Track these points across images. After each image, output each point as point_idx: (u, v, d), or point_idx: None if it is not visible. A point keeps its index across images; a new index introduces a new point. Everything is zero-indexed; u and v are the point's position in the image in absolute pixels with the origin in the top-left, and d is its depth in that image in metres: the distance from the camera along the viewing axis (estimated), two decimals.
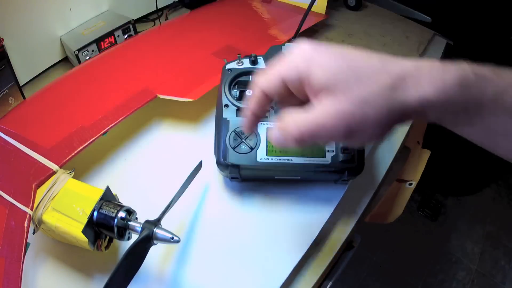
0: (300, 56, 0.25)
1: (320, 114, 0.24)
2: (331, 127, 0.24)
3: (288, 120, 0.25)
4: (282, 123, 0.26)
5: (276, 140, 0.27)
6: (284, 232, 0.41)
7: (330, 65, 0.24)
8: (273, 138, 0.27)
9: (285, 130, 0.25)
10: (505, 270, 1.34)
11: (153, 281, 0.37)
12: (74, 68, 0.56)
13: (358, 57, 0.25)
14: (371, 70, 0.24)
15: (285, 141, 0.26)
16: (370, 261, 1.32)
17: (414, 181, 0.73)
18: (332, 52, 0.25)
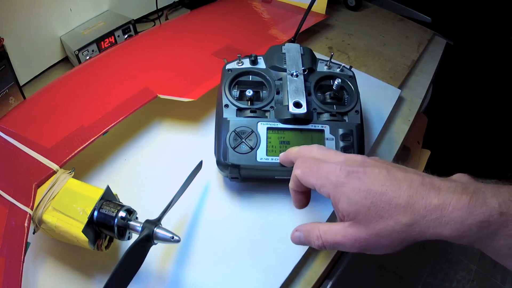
0: (333, 179, 0.28)
1: (341, 234, 0.28)
2: (348, 246, 0.28)
3: (314, 228, 0.30)
4: (309, 228, 0.31)
5: (298, 241, 0.32)
6: (284, 232, 0.41)
7: (355, 200, 0.27)
8: (296, 238, 0.32)
9: (310, 236, 0.30)
10: (505, 270, 1.34)
11: (153, 281, 0.37)
12: (74, 68, 0.56)
13: (387, 190, 0.26)
14: (394, 208, 0.26)
15: (304, 243, 0.32)
16: (370, 261, 1.32)
17: None
18: (361, 184, 0.27)
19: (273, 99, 0.42)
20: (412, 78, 0.70)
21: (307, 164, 0.31)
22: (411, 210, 0.25)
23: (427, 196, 0.25)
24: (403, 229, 0.25)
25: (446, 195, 0.25)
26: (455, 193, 0.25)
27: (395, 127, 0.58)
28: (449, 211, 0.24)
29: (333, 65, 0.46)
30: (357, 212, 0.27)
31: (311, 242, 0.30)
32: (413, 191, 0.26)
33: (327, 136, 0.41)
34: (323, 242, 0.29)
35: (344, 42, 0.75)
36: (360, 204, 0.27)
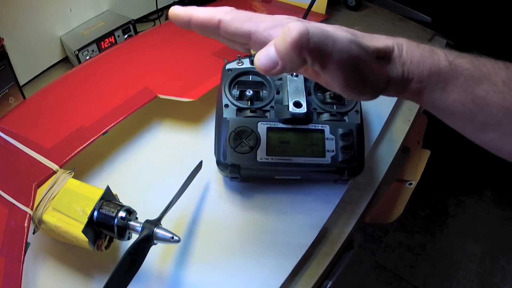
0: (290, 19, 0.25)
1: (333, 29, 0.24)
2: (342, 44, 0.23)
3: (294, 23, 0.22)
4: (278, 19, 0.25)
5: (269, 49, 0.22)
6: (284, 232, 0.41)
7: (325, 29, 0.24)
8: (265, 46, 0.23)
9: (290, 30, 0.22)
10: (505, 270, 1.34)
11: (153, 281, 0.37)
12: (74, 68, 0.56)
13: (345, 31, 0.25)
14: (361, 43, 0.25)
15: (283, 46, 0.22)
16: (370, 261, 1.32)
17: (414, 181, 0.73)
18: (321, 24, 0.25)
19: (273, 99, 0.42)
20: None
21: (241, 12, 0.26)
22: (376, 46, 0.25)
23: (382, 38, 0.26)
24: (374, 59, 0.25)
25: (396, 39, 0.27)
26: (403, 40, 0.27)
27: (395, 127, 0.58)
28: (404, 51, 0.26)
29: None
30: (346, 29, 0.25)
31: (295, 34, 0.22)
32: (369, 36, 0.27)
33: (327, 136, 0.41)
34: (306, 26, 0.22)
35: None
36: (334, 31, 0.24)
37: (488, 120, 0.26)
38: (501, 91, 0.25)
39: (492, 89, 0.25)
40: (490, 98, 0.25)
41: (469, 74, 0.25)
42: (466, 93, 0.25)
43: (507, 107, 0.25)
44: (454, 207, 1.52)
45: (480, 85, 0.25)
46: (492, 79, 0.25)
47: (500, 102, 0.25)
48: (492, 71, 0.25)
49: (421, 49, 0.26)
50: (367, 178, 0.50)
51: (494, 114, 0.25)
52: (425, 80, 0.25)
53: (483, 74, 0.25)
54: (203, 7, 0.26)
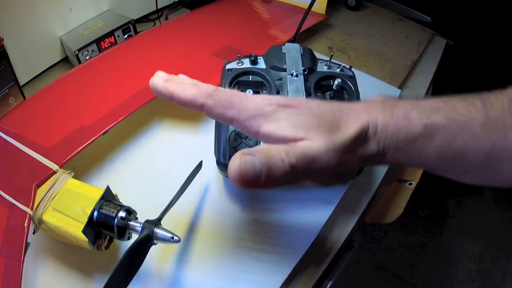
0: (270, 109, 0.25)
1: (314, 147, 0.24)
2: (326, 161, 0.24)
3: (277, 150, 0.23)
4: (265, 149, 0.23)
5: (251, 167, 0.22)
6: (284, 232, 0.41)
7: (318, 112, 0.25)
8: (247, 165, 0.23)
9: (272, 155, 0.22)
10: (505, 270, 1.34)
11: (153, 281, 0.37)
12: (74, 68, 0.56)
13: (322, 112, 0.26)
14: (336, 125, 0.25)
15: (270, 173, 0.22)
16: (370, 261, 1.32)
17: (414, 181, 0.73)
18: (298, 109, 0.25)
19: None
20: (412, 78, 0.70)
21: (223, 95, 0.26)
22: (352, 128, 0.25)
23: (358, 116, 0.26)
24: (352, 145, 0.25)
25: (371, 113, 0.26)
26: (378, 110, 0.26)
27: None
28: (379, 128, 0.25)
29: (333, 65, 0.46)
30: (308, 131, 0.24)
31: (276, 163, 0.22)
32: (346, 114, 0.26)
33: None
34: (296, 157, 0.23)
35: (344, 42, 0.75)
36: (308, 124, 0.24)
37: (470, 167, 0.26)
38: (479, 137, 0.24)
39: (471, 138, 0.24)
40: (469, 148, 0.25)
41: (445, 131, 0.25)
42: (444, 149, 0.25)
43: (487, 150, 0.24)
44: (454, 207, 1.52)
45: (457, 138, 0.25)
46: (468, 128, 0.24)
47: (480, 148, 0.25)
48: (468, 118, 0.25)
49: (395, 119, 0.25)
50: (367, 178, 0.50)
51: (475, 161, 0.25)
52: (401, 150, 0.25)
53: (459, 126, 0.25)
54: (183, 81, 0.27)
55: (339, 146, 0.24)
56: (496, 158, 0.25)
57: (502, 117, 0.24)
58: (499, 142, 0.24)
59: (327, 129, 0.24)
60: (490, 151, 0.24)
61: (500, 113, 0.24)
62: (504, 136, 0.24)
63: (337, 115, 0.26)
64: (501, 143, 0.24)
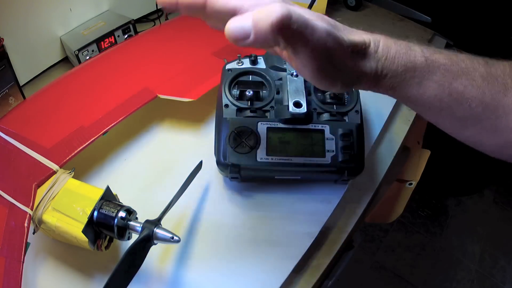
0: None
1: (314, 17, 0.23)
2: (321, 29, 0.23)
3: (279, 4, 0.21)
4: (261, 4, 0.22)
5: (239, 29, 0.21)
6: (284, 232, 0.41)
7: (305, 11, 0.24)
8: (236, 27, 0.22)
9: (273, 11, 0.21)
10: (505, 270, 1.34)
11: (153, 281, 0.37)
12: (74, 68, 0.56)
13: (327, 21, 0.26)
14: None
15: (262, 23, 0.21)
16: (370, 261, 1.32)
17: (414, 181, 0.73)
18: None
19: (273, 99, 0.42)
20: None
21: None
22: (353, 39, 0.25)
23: (360, 33, 0.26)
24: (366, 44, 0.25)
25: (374, 35, 0.26)
26: (381, 36, 0.26)
27: (395, 127, 0.58)
28: (381, 47, 0.26)
29: None
30: (327, 20, 0.25)
31: (266, 18, 0.21)
32: (355, 30, 0.27)
33: (327, 136, 0.41)
34: (289, 10, 0.21)
35: None
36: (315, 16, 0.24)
37: (466, 115, 0.25)
38: (479, 86, 0.24)
39: (471, 83, 0.24)
40: (469, 93, 0.25)
41: (446, 69, 0.25)
42: (443, 88, 0.25)
43: (486, 102, 0.24)
44: (454, 207, 1.52)
45: (457, 80, 0.25)
46: (470, 74, 0.25)
47: (479, 97, 0.24)
48: (470, 66, 0.25)
49: (398, 45, 0.26)
50: (367, 178, 0.50)
51: (472, 109, 0.25)
52: (399, 76, 0.25)
53: (461, 69, 0.25)
54: None
55: (340, 38, 0.24)
56: (494, 112, 0.25)
57: (503, 77, 0.24)
58: (498, 97, 0.24)
59: (332, 26, 0.24)
60: (488, 103, 0.24)
61: (501, 73, 0.25)
62: (504, 93, 0.24)
63: (340, 27, 0.26)
64: (500, 100, 0.24)
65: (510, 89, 0.24)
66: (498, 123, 0.25)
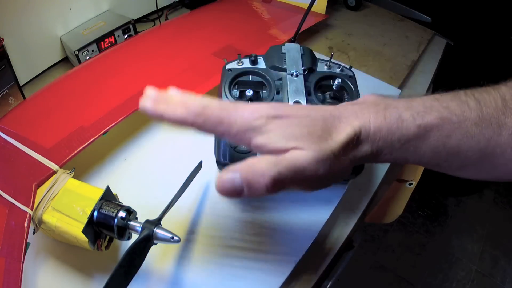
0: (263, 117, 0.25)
1: (302, 157, 0.24)
2: (314, 170, 0.24)
3: (260, 161, 0.24)
4: (252, 162, 0.24)
5: (231, 186, 0.23)
6: (284, 232, 0.41)
7: (305, 123, 0.25)
8: (227, 183, 0.23)
9: (255, 170, 0.23)
10: (505, 270, 1.34)
11: (153, 281, 0.37)
12: (74, 68, 0.56)
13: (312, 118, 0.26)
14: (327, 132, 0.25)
15: (251, 188, 0.23)
16: (370, 261, 1.32)
17: (414, 181, 0.73)
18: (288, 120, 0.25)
19: (273, 99, 0.42)
20: (412, 78, 0.70)
21: (211, 112, 0.25)
22: (343, 134, 0.25)
23: (349, 121, 0.26)
24: (343, 151, 0.25)
25: (363, 117, 0.26)
26: (370, 113, 0.26)
27: None
28: (372, 131, 0.25)
29: (333, 65, 0.46)
30: (299, 140, 0.24)
31: (257, 180, 0.23)
32: (337, 120, 0.26)
33: None
34: (279, 170, 0.23)
35: (344, 42, 0.75)
36: (299, 134, 0.24)
37: (465, 163, 0.26)
38: (474, 135, 0.25)
39: (465, 136, 0.25)
40: (464, 145, 0.25)
41: (439, 131, 0.25)
42: (439, 148, 0.25)
43: (482, 148, 0.25)
44: (454, 207, 1.52)
45: (451, 137, 0.25)
46: (463, 126, 0.25)
47: (475, 145, 0.25)
48: (462, 118, 0.25)
49: (388, 122, 0.25)
50: (367, 178, 0.50)
51: (469, 157, 0.25)
52: (395, 151, 0.26)
53: (453, 124, 0.25)
54: (173, 99, 0.26)
55: (329, 154, 0.24)
56: (490, 154, 0.25)
57: (495, 115, 0.24)
58: (493, 140, 0.24)
59: (317, 137, 0.24)
60: (484, 149, 0.25)
61: (494, 112, 0.25)
62: (498, 133, 0.24)
63: (329, 122, 0.25)
64: (495, 141, 0.24)
65: (503, 126, 0.24)
66: (496, 161, 0.25)
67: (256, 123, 0.25)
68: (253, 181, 0.23)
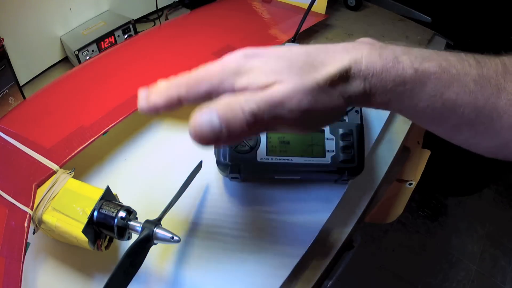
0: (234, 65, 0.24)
1: (282, 90, 0.22)
2: (296, 103, 0.22)
3: (238, 98, 0.22)
4: (228, 101, 0.22)
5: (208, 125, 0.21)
6: (284, 232, 0.41)
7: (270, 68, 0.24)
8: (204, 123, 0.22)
9: (232, 108, 0.22)
10: (505, 270, 1.34)
11: (153, 281, 0.37)
12: (74, 68, 0.56)
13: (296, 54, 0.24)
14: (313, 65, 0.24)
15: (230, 127, 0.22)
16: (370, 261, 1.32)
17: (414, 181, 0.73)
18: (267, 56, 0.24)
19: None
20: None
21: (190, 76, 0.26)
22: (330, 68, 0.24)
23: (339, 56, 0.24)
24: (330, 85, 0.23)
25: (355, 52, 0.24)
26: (363, 50, 0.24)
27: (395, 127, 0.58)
28: (364, 66, 0.24)
29: None
30: (281, 74, 0.23)
31: (235, 115, 0.22)
32: (324, 53, 0.24)
33: (327, 136, 0.41)
34: (257, 103, 0.22)
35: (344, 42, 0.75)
36: (280, 68, 0.23)
37: (460, 122, 0.25)
38: (472, 91, 0.24)
39: (463, 90, 0.24)
40: (461, 100, 0.24)
41: (437, 78, 0.24)
42: (435, 98, 0.24)
43: (479, 106, 0.24)
44: (454, 207, 1.52)
45: (449, 88, 0.24)
46: (462, 80, 0.24)
47: (472, 103, 0.24)
48: (462, 71, 0.24)
49: (383, 59, 0.24)
50: (367, 178, 0.50)
51: (466, 115, 0.24)
52: (389, 92, 0.24)
53: (452, 76, 0.24)
54: (159, 87, 0.27)
55: (312, 86, 0.23)
56: (487, 117, 0.24)
57: (495, 77, 0.24)
58: (491, 101, 0.24)
59: (299, 70, 0.23)
60: (482, 108, 0.24)
61: (494, 74, 0.24)
62: (497, 95, 0.24)
63: (312, 56, 0.24)
64: (494, 103, 0.24)
65: (502, 90, 0.24)
66: (492, 126, 0.24)
67: (234, 65, 0.24)
68: (232, 118, 0.21)
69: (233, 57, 0.25)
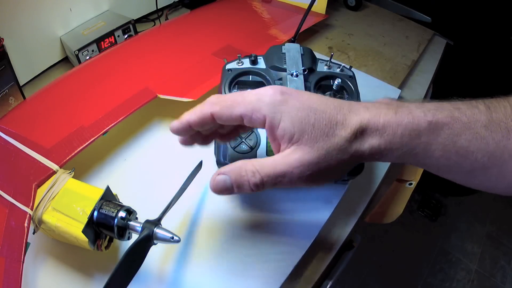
0: (268, 99, 0.27)
1: (284, 163, 0.26)
2: (296, 176, 0.26)
3: (246, 164, 0.27)
4: (239, 166, 0.27)
5: (223, 185, 0.28)
6: (284, 232, 0.41)
7: (299, 118, 0.26)
8: (219, 183, 0.28)
9: (241, 175, 0.27)
10: (505, 270, 1.34)
11: (153, 281, 0.37)
12: (74, 68, 0.56)
13: (325, 109, 0.27)
14: (335, 125, 0.26)
15: (230, 188, 0.27)
16: (370, 261, 1.32)
17: (414, 181, 0.73)
18: (301, 103, 0.26)
19: None
20: (412, 78, 0.70)
21: (226, 98, 0.28)
22: (349, 126, 0.26)
23: (359, 112, 0.26)
24: (346, 145, 0.26)
25: (374, 110, 0.26)
26: (381, 109, 0.26)
27: None
28: (381, 123, 0.26)
29: (333, 65, 0.46)
30: (303, 131, 0.26)
31: (243, 183, 0.27)
32: (347, 110, 0.27)
33: None
34: (261, 177, 0.26)
35: (344, 42, 0.75)
36: (306, 122, 0.26)
37: (474, 167, 0.26)
38: (483, 137, 0.25)
39: (474, 137, 0.25)
40: (473, 146, 0.25)
41: (450, 128, 0.25)
42: (449, 147, 0.25)
43: (491, 151, 0.25)
44: (454, 207, 1.52)
45: (461, 137, 0.25)
46: (472, 127, 0.25)
47: (484, 148, 0.25)
48: (472, 119, 0.25)
49: (399, 116, 0.26)
50: (367, 178, 0.50)
51: (479, 160, 0.25)
52: (405, 146, 0.26)
53: (463, 124, 0.25)
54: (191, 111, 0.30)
55: (328, 150, 0.25)
56: (499, 159, 0.25)
57: (504, 120, 0.25)
58: (502, 144, 0.25)
59: (320, 131, 0.26)
60: (493, 152, 0.25)
61: (503, 117, 0.25)
62: (507, 137, 0.25)
63: (337, 110, 0.26)
64: (504, 145, 0.25)
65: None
66: (505, 168, 0.25)
67: (269, 99, 0.27)
68: (241, 184, 0.27)
69: (270, 90, 0.27)
